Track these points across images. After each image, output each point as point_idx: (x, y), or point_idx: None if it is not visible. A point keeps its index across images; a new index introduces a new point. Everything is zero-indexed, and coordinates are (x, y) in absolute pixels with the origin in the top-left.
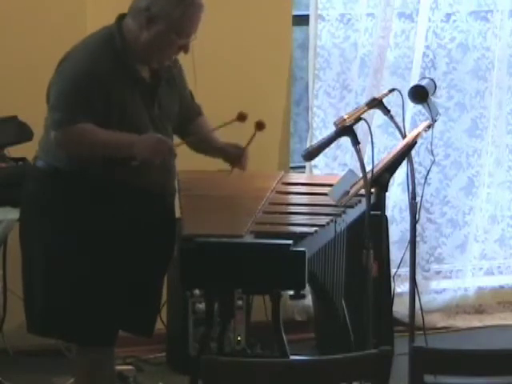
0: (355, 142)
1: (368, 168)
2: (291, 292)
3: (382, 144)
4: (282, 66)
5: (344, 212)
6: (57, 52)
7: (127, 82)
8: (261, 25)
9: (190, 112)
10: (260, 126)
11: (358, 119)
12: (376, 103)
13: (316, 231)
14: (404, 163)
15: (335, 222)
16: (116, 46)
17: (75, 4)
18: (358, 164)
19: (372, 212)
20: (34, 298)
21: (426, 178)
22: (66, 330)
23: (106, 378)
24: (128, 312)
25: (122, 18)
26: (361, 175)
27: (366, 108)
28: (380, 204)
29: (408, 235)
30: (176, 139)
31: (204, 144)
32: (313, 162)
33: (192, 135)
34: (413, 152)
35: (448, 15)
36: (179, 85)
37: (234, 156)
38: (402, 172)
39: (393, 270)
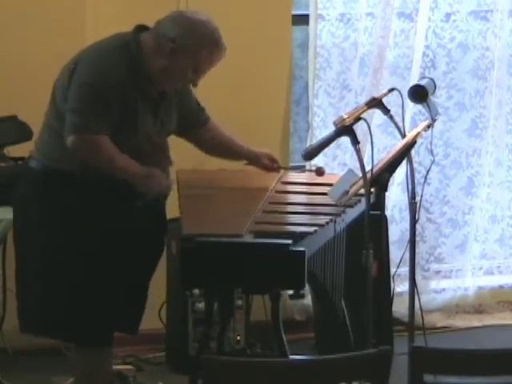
0: (355, 141)
1: (368, 168)
2: (291, 291)
3: (381, 144)
4: (281, 65)
5: (344, 212)
6: (56, 52)
7: (139, 93)
8: (261, 24)
9: (199, 118)
10: (319, 173)
11: (358, 119)
12: (376, 103)
13: (315, 231)
14: (404, 163)
15: (335, 221)
16: (131, 56)
17: (75, 4)
18: (357, 164)
19: (372, 212)
20: (30, 298)
21: (425, 178)
22: (63, 330)
23: (105, 377)
24: (122, 311)
25: (139, 29)
26: (360, 175)
27: (365, 108)
28: (380, 204)
29: (408, 235)
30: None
31: (226, 150)
32: (312, 162)
33: (207, 141)
34: (412, 152)
35: (448, 15)
36: (182, 97)
37: (265, 167)
38: (401, 172)
39: (392, 270)
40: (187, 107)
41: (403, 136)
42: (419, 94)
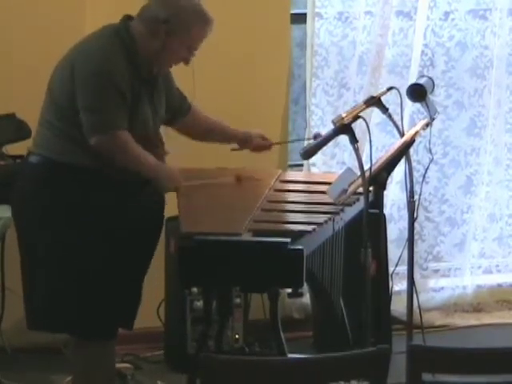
0: (353, 140)
1: (366, 166)
2: (289, 290)
3: (380, 142)
4: (280, 64)
5: (342, 210)
6: (55, 50)
7: (136, 80)
8: (259, 23)
9: (183, 107)
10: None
11: (356, 117)
12: (374, 101)
13: (314, 229)
14: (402, 161)
15: (333, 220)
16: (124, 43)
17: (74, 3)
18: (356, 162)
19: (370, 210)
20: (36, 294)
21: (424, 177)
22: (69, 323)
23: (106, 375)
24: (124, 305)
25: (127, 18)
26: (359, 173)
27: (364, 106)
28: (378, 202)
29: (406, 233)
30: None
31: (214, 133)
32: (311, 160)
33: (193, 127)
34: (411, 150)
35: (446, 13)
36: (166, 84)
37: (258, 146)
38: (400, 170)
39: (391, 269)
40: (171, 96)
41: (402, 135)
42: (418, 92)
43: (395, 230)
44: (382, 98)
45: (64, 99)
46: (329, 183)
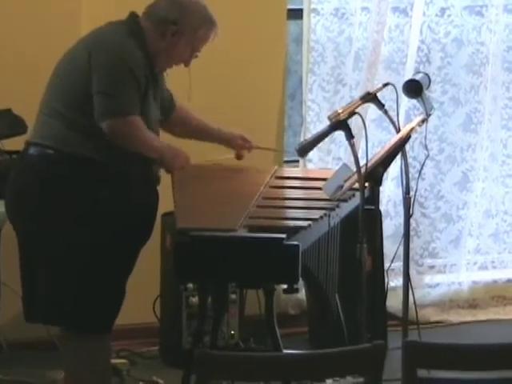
0: (349, 136)
1: (362, 162)
2: (285, 286)
3: (376, 138)
4: (276, 60)
5: (338, 206)
6: (51, 45)
7: (148, 75)
8: (256, 19)
9: (172, 105)
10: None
11: (353, 113)
12: (370, 97)
13: (310, 225)
14: (398, 158)
15: (329, 216)
16: (136, 39)
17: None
18: (352, 158)
19: (366, 206)
20: (36, 287)
21: (420, 173)
22: (67, 315)
23: (101, 370)
24: (115, 300)
25: (135, 15)
26: (355, 169)
27: (360, 102)
28: (374, 198)
29: (402, 229)
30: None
31: (198, 133)
32: (307, 157)
33: (181, 125)
34: (407, 146)
35: (443, 10)
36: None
37: (239, 147)
38: (396, 166)
39: (386, 265)
40: (163, 94)
41: (398, 131)
42: (414, 88)
43: (391, 226)
44: (378, 94)
45: (77, 86)
46: (324, 179)
